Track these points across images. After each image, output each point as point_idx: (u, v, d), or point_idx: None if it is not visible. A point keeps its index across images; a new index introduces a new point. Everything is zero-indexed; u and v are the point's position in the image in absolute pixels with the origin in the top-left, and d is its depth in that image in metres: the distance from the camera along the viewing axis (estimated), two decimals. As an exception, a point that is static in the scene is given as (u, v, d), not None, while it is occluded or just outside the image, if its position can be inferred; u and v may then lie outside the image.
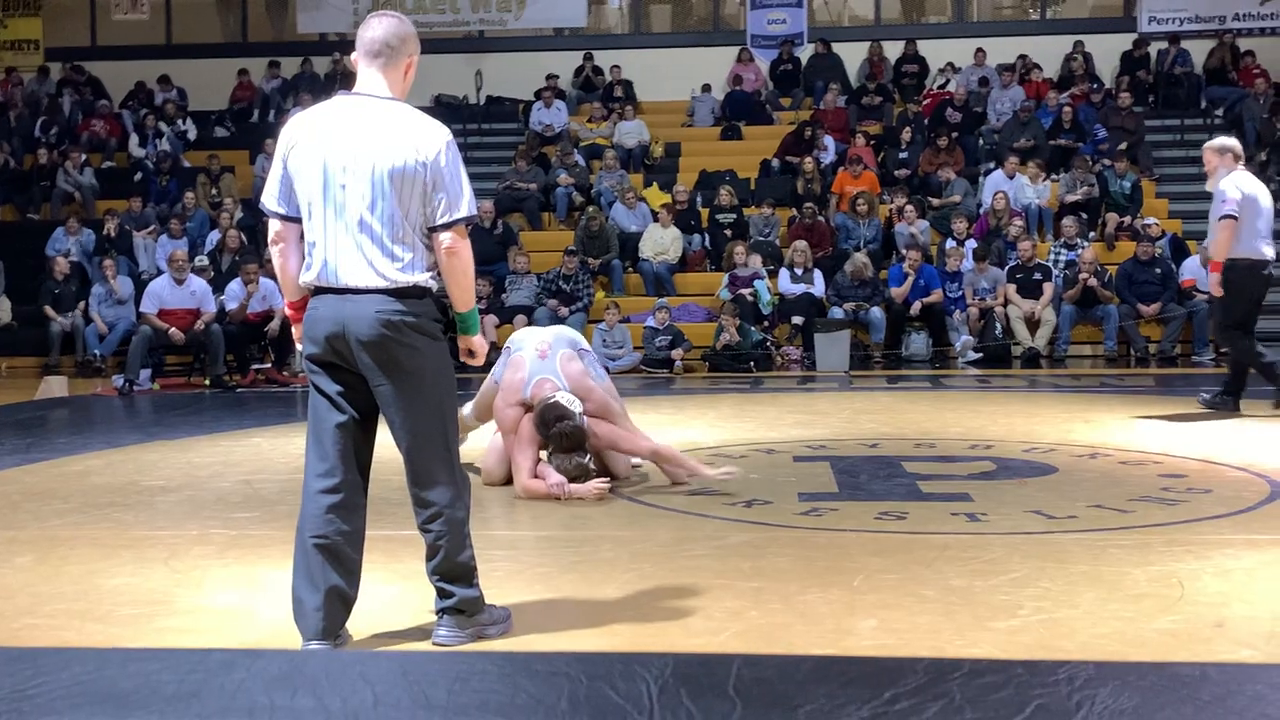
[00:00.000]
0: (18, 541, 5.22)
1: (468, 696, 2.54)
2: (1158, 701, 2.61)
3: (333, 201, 3.58)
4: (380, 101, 3.67)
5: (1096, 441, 7.65)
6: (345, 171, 3.57)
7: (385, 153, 3.56)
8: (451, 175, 3.60)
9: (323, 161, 3.59)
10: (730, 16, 20.68)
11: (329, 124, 3.64)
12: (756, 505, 5.82)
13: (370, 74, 3.72)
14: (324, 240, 3.60)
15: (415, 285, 3.60)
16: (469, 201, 3.65)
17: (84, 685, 2.56)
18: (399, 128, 3.60)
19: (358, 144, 3.58)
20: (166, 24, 20.36)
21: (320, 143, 3.61)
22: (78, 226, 15.41)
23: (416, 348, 3.60)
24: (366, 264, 3.56)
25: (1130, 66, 18.52)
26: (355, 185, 3.56)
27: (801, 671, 2.84)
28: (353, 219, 3.57)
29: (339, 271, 3.58)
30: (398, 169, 3.55)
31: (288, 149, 3.66)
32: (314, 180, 3.60)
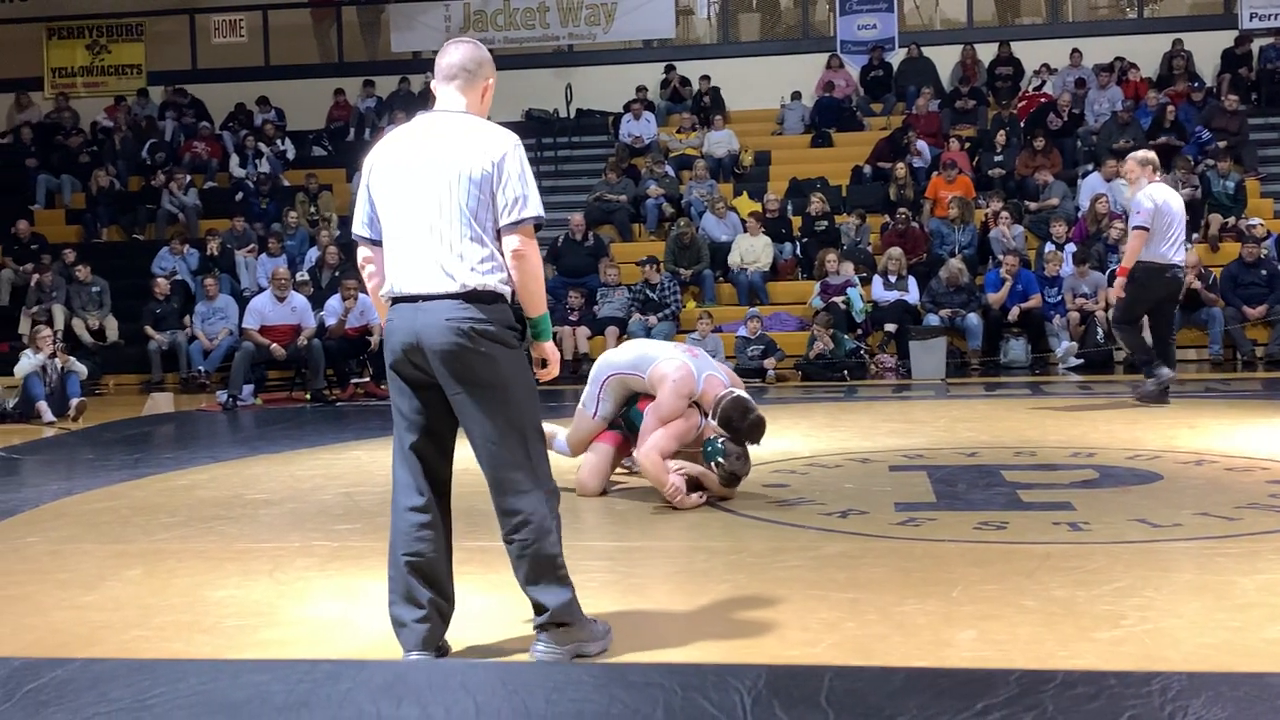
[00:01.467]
0: (127, 555, 5.36)
1: (564, 706, 2.57)
2: (1252, 712, 2.56)
3: (404, 211, 3.64)
4: (454, 115, 3.74)
5: (1202, 448, 7.49)
6: (416, 180, 3.63)
7: (453, 159, 3.61)
8: (517, 176, 3.62)
9: (397, 175, 3.67)
10: (819, 23, 20.60)
11: (404, 140, 3.73)
12: (852, 515, 5.78)
13: (448, 94, 3.78)
14: (397, 250, 3.66)
15: (486, 289, 3.59)
16: (535, 203, 3.64)
17: (199, 695, 2.64)
18: (467, 135, 3.65)
19: (428, 154, 3.64)
20: (264, 46, 20.78)
21: (395, 159, 3.69)
22: (181, 247, 15.78)
23: (492, 356, 3.59)
24: (436, 269, 3.58)
25: (1231, 64, 18.11)
26: (425, 192, 3.61)
27: (893, 683, 2.82)
28: (423, 226, 3.61)
29: (410, 279, 3.62)
30: (465, 173, 3.59)
31: (369, 173, 3.75)
32: (388, 194, 3.68)
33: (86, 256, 15.68)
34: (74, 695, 2.61)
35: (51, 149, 19.04)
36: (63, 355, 11.45)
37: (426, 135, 3.68)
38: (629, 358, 6.50)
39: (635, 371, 6.39)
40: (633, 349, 6.66)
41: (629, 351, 6.61)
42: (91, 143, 19.28)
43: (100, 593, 4.72)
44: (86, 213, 17.64)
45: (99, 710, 2.52)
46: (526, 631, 4.04)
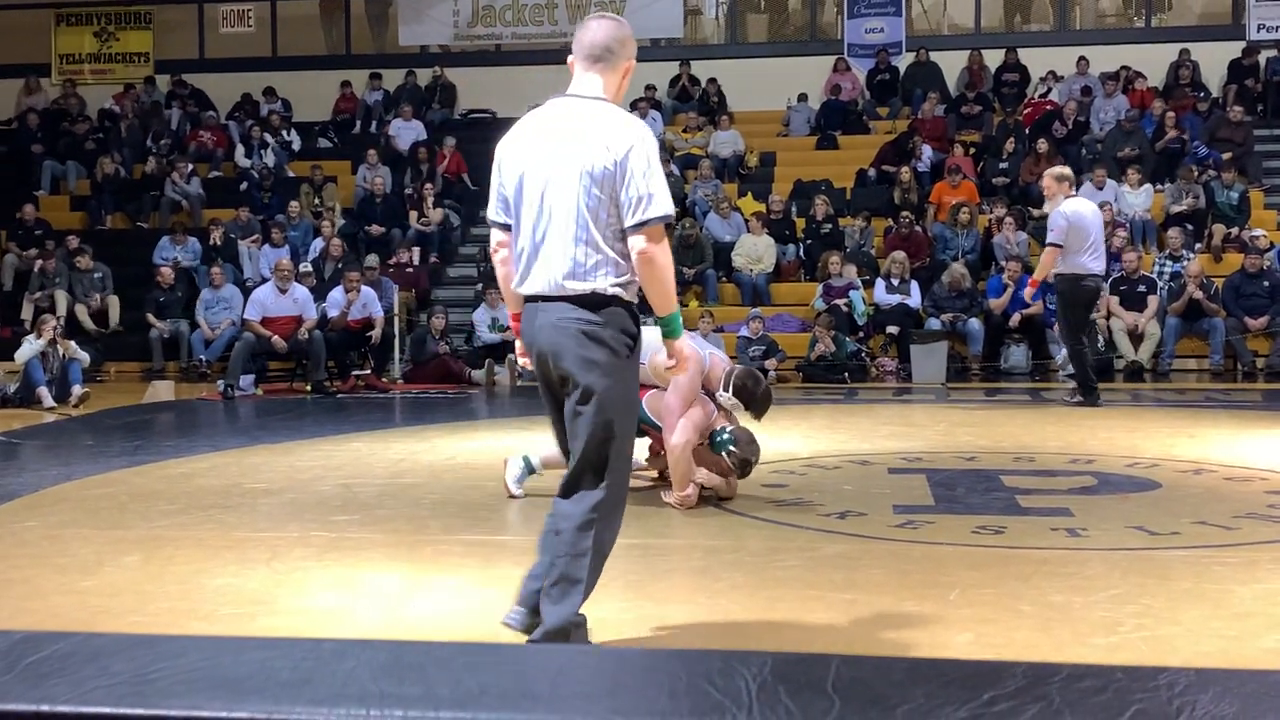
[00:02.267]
0: (125, 541, 5.37)
1: (569, 689, 2.58)
2: (1259, 708, 2.57)
3: (529, 207, 3.53)
4: (585, 101, 3.56)
5: (1201, 457, 7.49)
6: (539, 175, 3.50)
7: (577, 154, 3.45)
8: (642, 174, 3.43)
9: (523, 166, 3.54)
10: (827, 25, 20.59)
11: (534, 128, 3.58)
12: (850, 517, 5.79)
13: (587, 77, 3.59)
14: (521, 247, 3.56)
15: (597, 293, 3.47)
16: (662, 201, 3.45)
17: (201, 670, 2.65)
18: (594, 127, 3.47)
19: (554, 146, 3.49)
20: (272, 37, 20.78)
21: (523, 147, 3.56)
22: (183, 236, 15.79)
23: (594, 360, 3.47)
24: (551, 270, 3.48)
25: (1238, 75, 18.11)
26: (547, 189, 3.49)
27: (900, 672, 2.83)
28: (544, 224, 3.49)
29: (531, 278, 3.53)
30: (587, 170, 3.43)
31: (500, 158, 3.63)
32: (513, 186, 3.56)
33: (91, 243, 15.69)
34: (75, 668, 2.62)
35: (58, 135, 19.04)
36: (64, 342, 11.46)
37: (554, 126, 3.53)
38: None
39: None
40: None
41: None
42: (97, 130, 19.28)
43: (98, 578, 4.73)
44: (91, 199, 17.64)
45: (100, 683, 2.53)
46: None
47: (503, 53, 20.26)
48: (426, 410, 10.88)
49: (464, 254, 16.64)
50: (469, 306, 14.46)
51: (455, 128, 18.93)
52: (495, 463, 7.31)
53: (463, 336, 14.13)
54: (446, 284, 16.07)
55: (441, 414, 10.47)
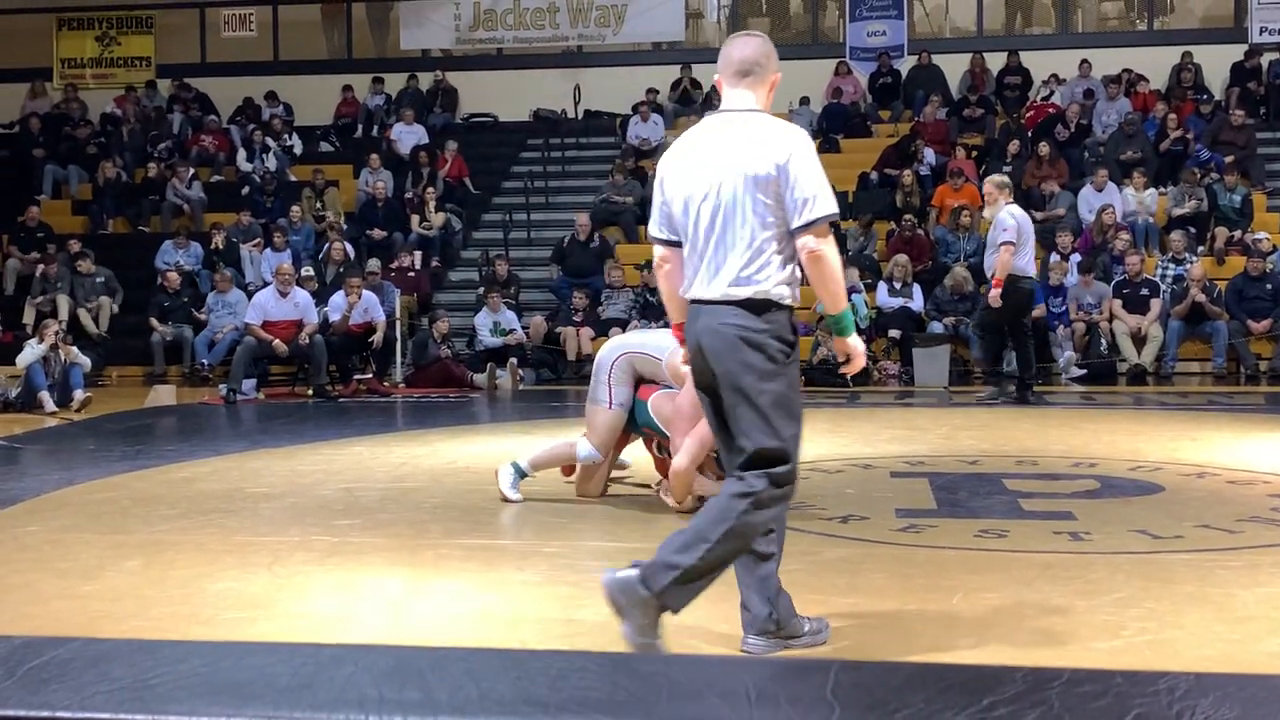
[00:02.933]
0: (126, 545, 5.36)
1: (569, 693, 2.58)
2: (1260, 713, 2.56)
3: (695, 216, 3.62)
4: (743, 114, 3.68)
5: (1204, 460, 7.48)
6: (705, 187, 3.60)
7: (739, 162, 3.56)
8: (806, 175, 3.54)
9: (688, 181, 3.65)
10: (829, 29, 20.59)
11: (696, 143, 3.70)
12: (853, 521, 5.78)
13: (737, 92, 3.72)
14: (693, 255, 3.64)
15: (760, 297, 3.55)
16: (827, 201, 3.56)
17: (201, 676, 2.65)
18: (753, 135, 3.60)
19: (717, 157, 3.61)
20: (274, 41, 20.79)
21: (688, 161, 3.68)
22: (185, 240, 15.79)
23: (751, 365, 3.53)
24: (716, 275, 3.57)
25: (1241, 78, 18.10)
26: (714, 199, 3.58)
27: (899, 677, 2.83)
28: (710, 231, 3.59)
29: (697, 283, 3.63)
30: (751, 176, 3.53)
31: (663, 174, 3.74)
32: (680, 201, 3.67)
33: (92, 248, 15.69)
34: (75, 674, 2.62)
35: (59, 139, 19.06)
36: (65, 347, 11.46)
37: (716, 138, 3.65)
38: (639, 338, 6.45)
39: (651, 353, 6.16)
40: (641, 333, 6.62)
41: (637, 334, 6.53)
42: (99, 134, 19.30)
43: (99, 583, 4.72)
44: (93, 204, 17.65)
45: (100, 689, 2.53)
46: (529, 627, 4.04)
47: (504, 56, 20.27)
48: (428, 414, 10.88)
49: (465, 258, 16.64)
50: (470, 310, 14.46)
51: (457, 132, 18.93)
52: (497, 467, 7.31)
53: (464, 340, 14.13)
54: (448, 288, 16.07)
55: (443, 418, 10.46)
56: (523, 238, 16.75)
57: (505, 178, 18.43)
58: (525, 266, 15.93)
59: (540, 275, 15.84)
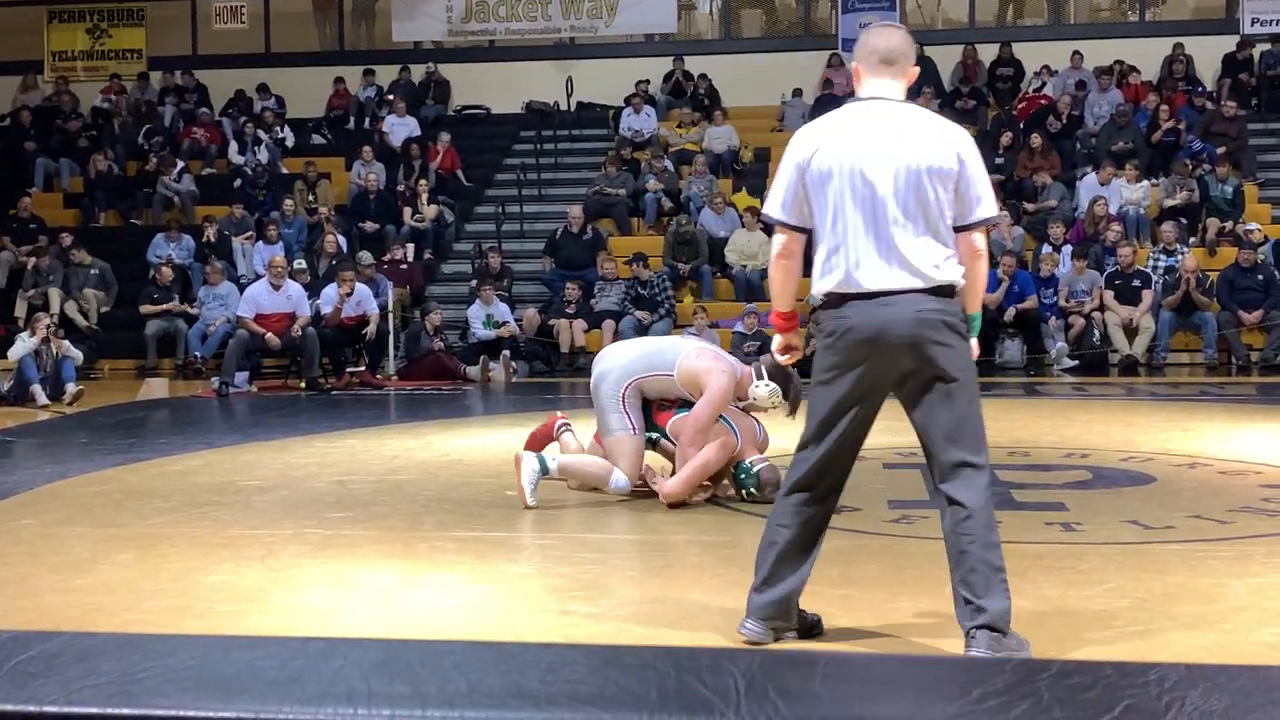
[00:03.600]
0: (120, 539, 5.36)
1: (558, 686, 2.58)
2: (1249, 704, 2.57)
3: (862, 205, 3.53)
4: (900, 104, 3.63)
5: (1195, 451, 7.49)
6: (876, 174, 3.52)
7: (916, 153, 3.52)
8: (980, 174, 3.59)
9: (849, 166, 3.54)
10: (821, 20, 20.58)
11: (851, 129, 3.60)
12: (845, 512, 5.77)
13: (882, 82, 3.65)
14: (852, 245, 3.54)
15: (947, 283, 3.55)
16: (993, 202, 3.64)
17: (189, 670, 2.65)
18: (926, 128, 3.57)
19: (886, 146, 3.53)
20: (265, 33, 20.74)
21: (847, 148, 3.56)
22: (177, 233, 15.75)
23: (953, 346, 3.56)
24: (903, 265, 3.52)
25: (1232, 69, 18.12)
26: (889, 187, 3.51)
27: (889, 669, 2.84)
28: (886, 221, 3.52)
29: (872, 275, 3.53)
30: (932, 169, 3.51)
31: (805, 158, 3.61)
32: (840, 185, 3.55)
33: (84, 240, 15.66)
34: (63, 668, 2.61)
35: (50, 132, 19.01)
36: (57, 340, 11.44)
37: (876, 126, 3.57)
38: (639, 360, 6.04)
39: (659, 372, 5.96)
40: (633, 350, 6.21)
41: (632, 354, 6.13)
42: (90, 127, 19.24)
43: (92, 576, 4.72)
44: (84, 197, 17.61)
45: (88, 683, 2.53)
46: (522, 619, 4.05)
47: (496, 48, 20.24)
48: (421, 407, 10.87)
49: (458, 250, 16.63)
50: (464, 303, 14.44)
51: (449, 124, 18.92)
52: (490, 459, 7.30)
53: (457, 333, 14.12)
54: (441, 280, 16.06)
55: (436, 411, 10.46)
56: (515, 230, 16.74)
57: (498, 170, 18.41)
58: (518, 259, 15.92)
59: (533, 267, 15.83)
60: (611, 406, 5.98)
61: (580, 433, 6.61)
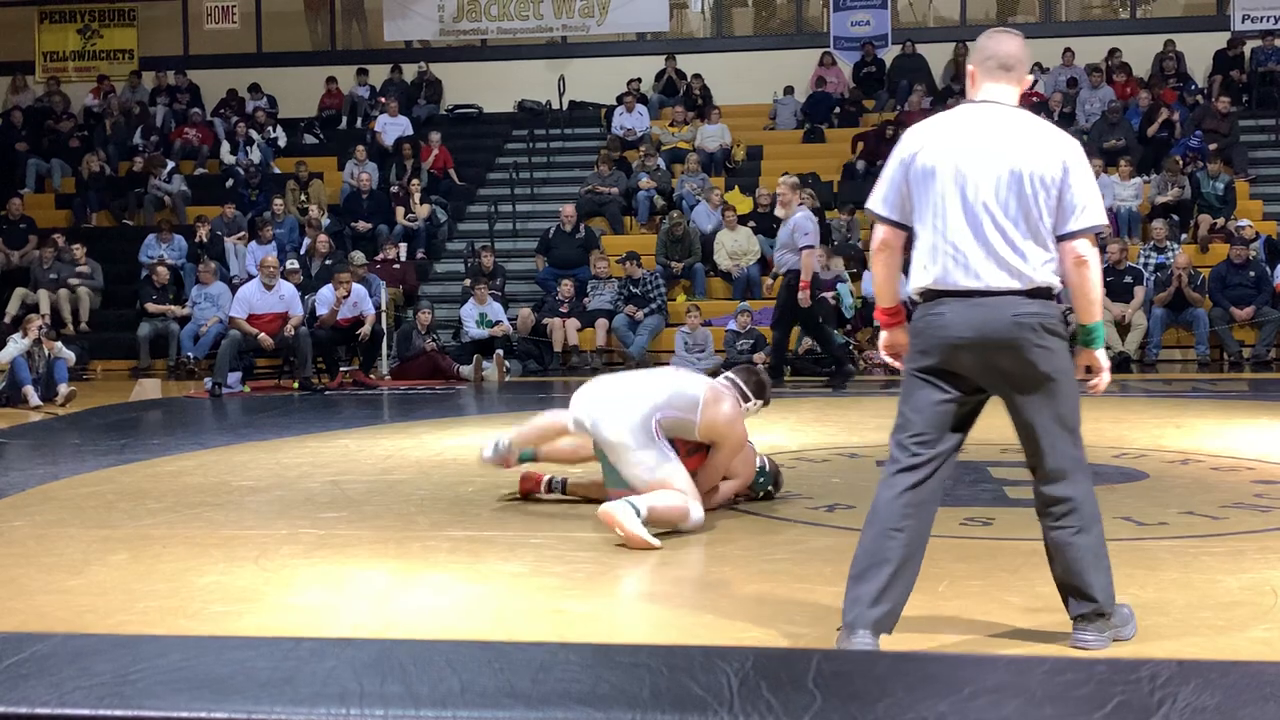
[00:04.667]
0: (113, 540, 5.35)
1: (551, 685, 2.57)
2: (1241, 699, 2.57)
3: (963, 204, 3.58)
4: (1010, 109, 3.68)
5: (1188, 447, 7.51)
6: (981, 175, 3.57)
7: (1023, 157, 3.56)
8: (1086, 181, 3.59)
9: (955, 165, 3.59)
10: (813, 19, 20.59)
11: (961, 130, 3.65)
12: (839, 510, 5.79)
13: (999, 87, 3.70)
14: (951, 243, 3.59)
15: (1046, 286, 3.59)
16: (1100, 209, 3.63)
17: (182, 670, 2.65)
18: (1035, 133, 3.62)
19: (994, 148, 3.58)
20: (257, 33, 20.72)
21: (952, 148, 3.61)
22: (169, 234, 15.73)
23: (1050, 349, 3.58)
24: (1001, 265, 3.55)
25: (1223, 66, 18.16)
26: (992, 188, 3.56)
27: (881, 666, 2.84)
28: (988, 221, 3.56)
29: (970, 274, 3.57)
30: (1036, 173, 3.54)
31: (910, 155, 3.66)
32: (945, 184, 3.59)
33: (76, 241, 15.64)
34: (55, 669, 2.61)
35: (42, 133, 18.97)
36: (49, 342, 11.42)
37: (989, 128, 3.62)
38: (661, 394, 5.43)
39: (682, 414, 5.41)
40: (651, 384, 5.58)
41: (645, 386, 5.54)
42: (82, 127, 19.21)
43: (85, 577, 4.71)
44: (76, 197, 17.58)
45: (80, 684, 2.52)
46: (516, 618, 4.05)
47: (488, 47, 20.23)
48: (414, 406, 10.87)
49: (451, 250, 16.62)
50: (456, 302, 14.44)
51: (441, 123, 18.91)
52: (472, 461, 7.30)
53: (450, 332, 14.12)
54: (433, 280, 16.05)
55: (429, 410, 10.45)
56: (508, 229, 16.73)
57: (490, 169, 18.40)
58: (511, 258, 15.93)
59: (526, 266, 15.83)
60: (645, 443, 5.31)
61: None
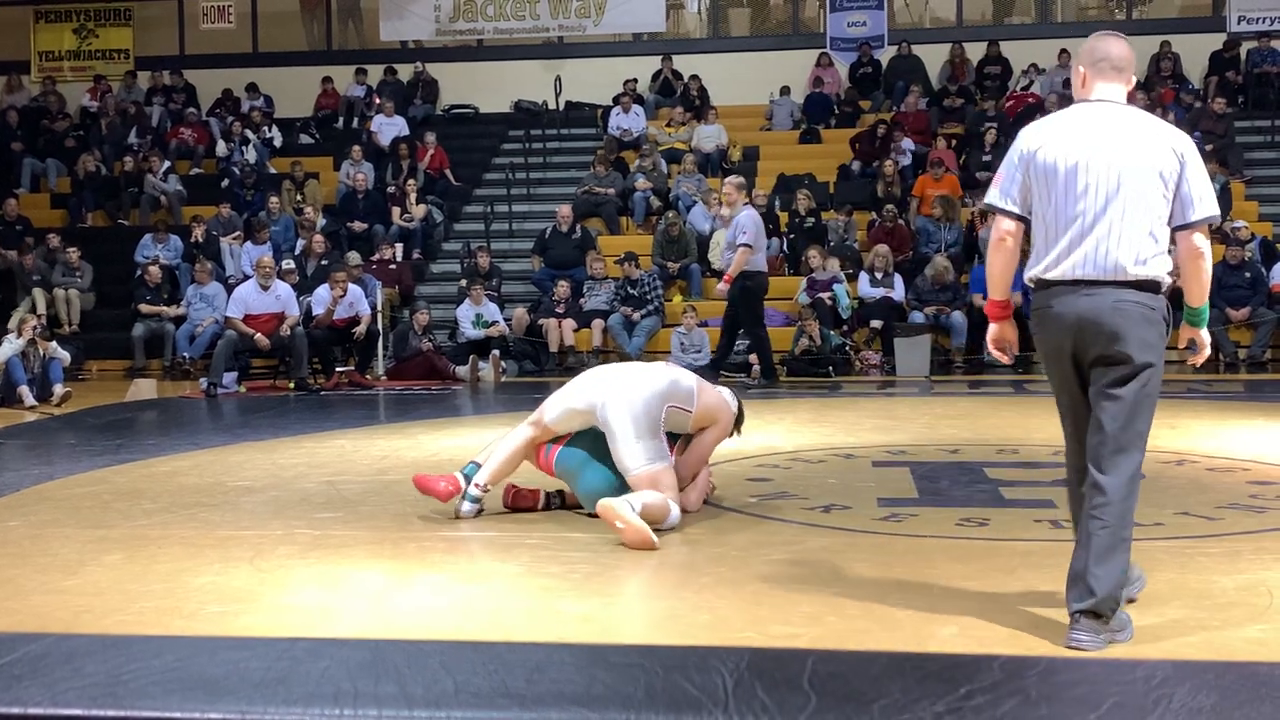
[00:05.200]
0: (108, 540, 5.34)
1: (545, 686, 2.57)
2: (1235, 700, 2.56)
3: (1080, 199, 3.74)
4: (1125, 107, 3.85)
5: (1183, 448, 7.51)
6: (1097, 171, 3.73)
7: (1137, 153, 3.72)
8: (1200, 174, 3.75)
9: (1072, 161, 3.76)
10: (809, 19, 20.60)
11: (1080, 127, 3.81)
12: (835, 510, 5.79)
13: (1111, 87, 3.87)
14: (1066, 235, 3.75)
15: (1152, 279, 3.72)
16: (1214, 202, 3.80)
17: (175, 671, 2.64)
18: (1152, 129, 3.78)
19: (1109, 145, 3.75)
20: (253, 33, 20.71)
21: (1073, 144, 3.78)
22: (165, 234, 15.72)
23: (1150, 342, 3.72)
24: (1110, 256, 3.71)
25: (1219, 67, 18.18)
26: (1107, 183, 3.72)
27: (877, 667, 2.83)
28: (1100, 215, 3.72)
29: (1080, 265, 3.73)
30: (1159, 169, 3.71)
31: (1031, 151, 3.83)
32: (1062, 179, 3.76)
33: (71, 241, 15.62)
34: (48, 670, 2.60)
35: (37, 133, 18.95)
36: (43, 342, 11.40)
37: (1103, 126, 3.78)
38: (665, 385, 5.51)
39: (683, 405, 5.55)
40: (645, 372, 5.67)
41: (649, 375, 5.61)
42: (78, 127, 19.18)
43: (81, 577, 4.70)
44: (72, 197, 17.56)
45: (73, 685, 2.52)
46: (512, 618, 4.04)
47: (485, 47, 20.22)
48: (410, 407, 10.86)
49: (447, 250, 16.61)
50: (453, 303, 14.43)
51: (437, 123, 18.90)
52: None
53: (446, 333, 14.11)
54: (430, 280, 16.04)
55: (425, 410, 10.44)
56: (504, 229, 16.73)
57: (486, 169, 18.39)
58: (507, 258, 15.92)
59: (522, 267, 15.82)
60: (652, 431, 5.37)
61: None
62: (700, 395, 5.63)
